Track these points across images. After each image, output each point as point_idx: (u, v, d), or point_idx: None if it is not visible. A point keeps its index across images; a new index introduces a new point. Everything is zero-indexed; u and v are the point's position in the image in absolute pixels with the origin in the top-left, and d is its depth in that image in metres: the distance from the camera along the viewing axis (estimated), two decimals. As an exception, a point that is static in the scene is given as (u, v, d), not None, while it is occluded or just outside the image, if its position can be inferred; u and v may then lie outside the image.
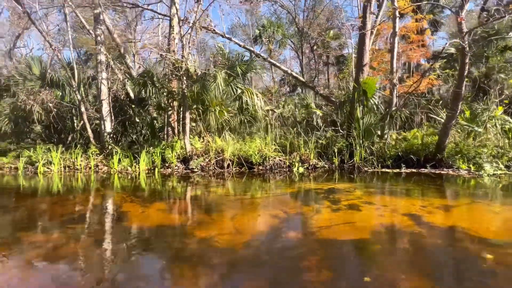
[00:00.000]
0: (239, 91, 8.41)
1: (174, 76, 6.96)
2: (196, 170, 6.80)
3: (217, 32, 9.01)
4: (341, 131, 7.99)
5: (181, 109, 8.05)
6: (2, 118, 7.69)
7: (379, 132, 7.90)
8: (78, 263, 2.18)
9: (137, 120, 9.03)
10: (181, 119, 8.14)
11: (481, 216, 3.23)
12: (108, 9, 9.14)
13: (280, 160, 7.12)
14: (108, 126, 8.42)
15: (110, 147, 8.04)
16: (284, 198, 4.24)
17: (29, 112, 7.61)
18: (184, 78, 6.85)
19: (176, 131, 8.22)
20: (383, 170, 6.60)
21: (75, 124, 9.04)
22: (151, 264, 2.20)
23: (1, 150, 8.62)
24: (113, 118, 8.41)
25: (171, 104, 8.01)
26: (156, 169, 6.92)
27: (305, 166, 6.89)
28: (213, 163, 6.96)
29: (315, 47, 17.86)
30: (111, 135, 8.47)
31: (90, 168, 7.40)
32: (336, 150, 7.22)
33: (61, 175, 6.95)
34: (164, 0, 10.57)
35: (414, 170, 6.36)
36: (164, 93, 8.07)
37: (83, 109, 8.05)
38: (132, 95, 9.86)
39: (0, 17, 18.48)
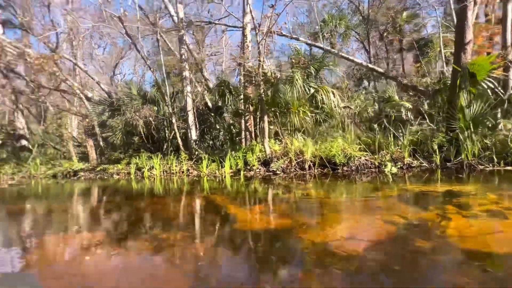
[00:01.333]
0: (312, 90, 8.20)
1: (252, 82, 7.24)
2: (278, 172, 6.88)
3: (285, 34, 9.03)
4: (433, 124, 6.90)
5: (258, 113, 8.33)
6: (117, 132, 9.40)
7: (488, 123, 6.49)
8: (210, 263, 2.36)
9: (217, 127, 9.77)
10: (258, 123, 8.43)
11: None
12: (189, 31, 10.22)
13: (367, 160, 6.57)
14: (193, 134, 9.38)
15: (196, 152, 8.92)
16: (391, 202, 3.83)
17: (134, 126, 9.09)
18: (262, 83, 7.05)
19: (253, 135, 8.54)
20: (508, 168, 5.35)
21: (167, 134, 10.37)
22: (280, 270, 2.23)
23: (116, 159, 10.55)
24: (197, 126, 9.32)
25: (248, 109, 8.37)
26: (241, 172, 7.29)
27: (398, 166, 6.16)
28: (294, 165, 6.92)
29: (385, 34, 16.15)
30: (196, 142, 9.40)
31: (182, 172, 8.33)
32: (435, 147, 6.24)
33: (161, 178, 8.02)
34: (229, 11, 11.24)
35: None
36: (241, 100, 8.50)
37: (174, 120, 9.15)
38: (210, 104, 10.77)
39: (103, 52, 22.68)
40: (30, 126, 12.92)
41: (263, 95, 7.20)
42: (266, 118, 7.35)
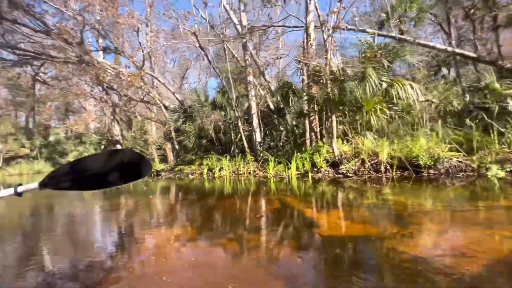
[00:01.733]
0: (384, 84, 7.47)
1: (318, 81, 7.04)
2: (349, 174, 6.51)
3: (352, 28, 8.48)
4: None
5: (324, 113, 8.06)
6: (191, 136, 10.43)
7: None
8: (297, 268, 2.35)
9: (281, 129, 9.86)
10: (323, 123, 8.15)
11: None
12: (250, 39, 10.61)
13: (460, 162, 5.62)
14: (258, 136, 9.67)
15: (261, 154, 9.17)
16: (503, 213, 3.18)
17: (205, 130, 9.91)
18: (328, 81, 6.79)
19: (318, 135, 8.30)
20: None
21: (232, 137, 10.99)
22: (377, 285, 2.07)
23: (189, 160, 11.72)
24: (261, 128, 9.59)
25: (313, 109, 8.17)
26: (309, 174, 7.16)
27: (507, 169, 5.08)
28: (367, 167, 6.43)
29: (471, 10, 13.58)
30: (261, 144, 9.66)
31: (249, 173, 8.68)
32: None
33: (230, 179, 8.52)
34: (288, 12, 11.17)
35: None
36: (305, 100, 8.37)
37: (239, 123, 9.61)
38: (272, 106, 10.94)
39: (173, 65, 25.43)
40: (123, 133, 15.46)
41: (330, 94, 6.91)
42: (334, 117, 7.04)
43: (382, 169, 6.22)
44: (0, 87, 19.99)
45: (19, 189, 0.99)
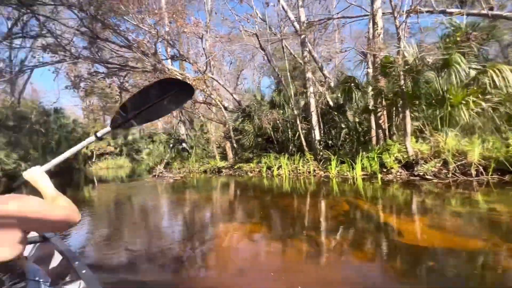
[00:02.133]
0: (472, 72, 6.32)
1: (388, 73, 6.40)
2: (427, 176, 5.74)
3: (430, 10, 7.43)
4: None
5: (393, 108, 7.31)
6: (250, 135, 10.75)
7: None
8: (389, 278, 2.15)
9: (342, 126, 9.34)
10: (393, 119, 7.40)
11: None
12: (309, 34, 10.32)
13: None
14: (317, 134, 9.36)
15: (321, 153, 8.85)
16: None
17: (264, 129, 10.07)
18: (401, 73, 6.10)
19: (387, 133, 7.57)
20: None
21: (290, 135, 10.90)
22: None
23: (246, 158, 12.10)
24: (321, 126, 9.25)
25: (381, 104, 7.49)
26: (378, 175, 6.60)
27: None
28: (452, 169, 5.56)
29: None
30: (320, 142, 9.33)
31: (309, 172, 8.47)
32: None
33: (290, 178, 8.45)
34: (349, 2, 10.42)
35: None
36: (371, 95, 7.72)
37: (298, 121, 9.46)
38: (331, 103, 10.44)
39: (229, 66, 26.49)
40: (187, 132, 16.91)
41: (403, 87, 6.20)
42: (407, 112, 6.30)
43: (473, 172, 5.28)
44: (95, 96, 24.08)
45: (98, 134, 1.22)
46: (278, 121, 9.62)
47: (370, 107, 7.93)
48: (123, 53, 11.64)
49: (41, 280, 1.00)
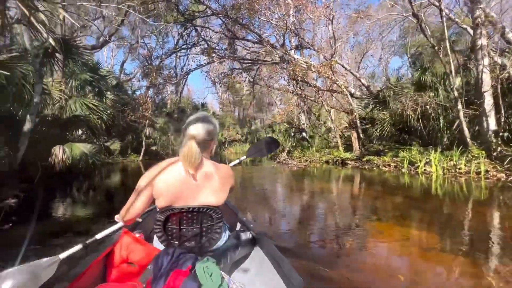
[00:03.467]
0: None
1: None
2: None
3: None
4: None
5: None
6: (385, 124, 9.33)
7: None
8: None
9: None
10: None
11: None
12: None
13: None
14: (492, 123, 6.86)
15: (499, 148, 6.43)
16: None
17: (404, 117, 8.42)
18: None
19: None
20: None
21: (441, 124, 8.59)
22: None
23: (375, 150, 10.64)
24: (501, 111, 6.68)
25: None
26: None
27: None
28: None
29: None
30: (498, 133, 6.79)
31: (476, 173, 6.37)
32: None
33: (444, 178, 6.67)
34: None
35: None
36: None
37: (459, 106, 7.26)
38: (518, 78, 7.34)
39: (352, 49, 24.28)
40: (308, 121, 16.87)
41: None
42: None
43: None
44: (228, 92, 28.43)
45: (241, 158, 2.14)
46: (427, 107, 7.73)
47: None
48: (256, 49, 12.76)
49: (227, 224, 1.48)
